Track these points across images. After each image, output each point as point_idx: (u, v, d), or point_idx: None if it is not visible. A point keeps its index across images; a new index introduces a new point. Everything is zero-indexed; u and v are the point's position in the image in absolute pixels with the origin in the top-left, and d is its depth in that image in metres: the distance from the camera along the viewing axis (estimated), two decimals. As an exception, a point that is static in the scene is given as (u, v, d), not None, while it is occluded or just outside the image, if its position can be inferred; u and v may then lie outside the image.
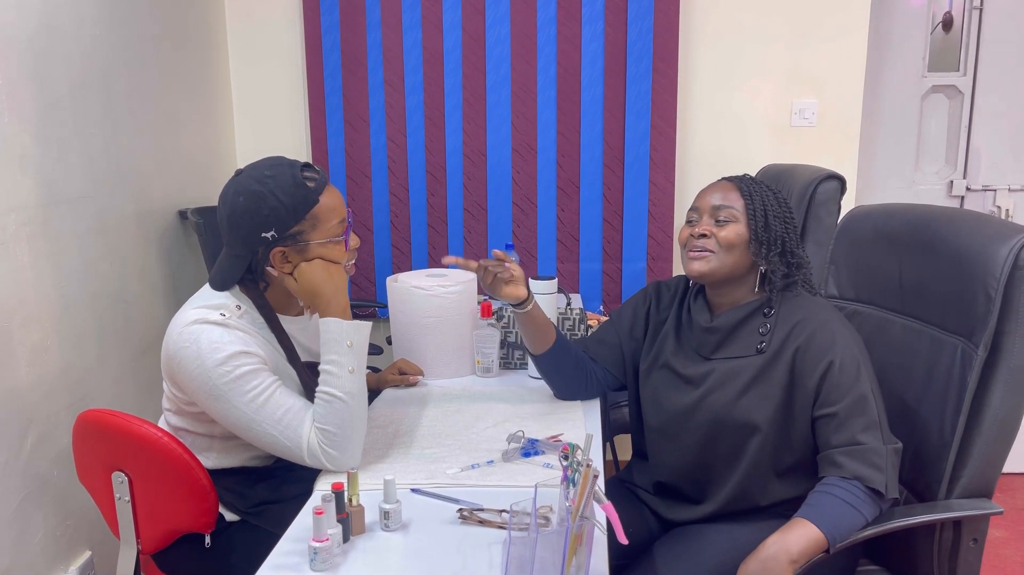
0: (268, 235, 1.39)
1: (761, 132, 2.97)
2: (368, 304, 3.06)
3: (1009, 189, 3.14)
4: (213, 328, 1.37)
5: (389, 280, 1.96)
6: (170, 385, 1.46)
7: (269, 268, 1.44)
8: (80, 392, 2.01)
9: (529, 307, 1.62)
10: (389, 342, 2.11)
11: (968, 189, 3.15)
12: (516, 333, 2.02)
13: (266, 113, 3.06)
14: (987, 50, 3.06)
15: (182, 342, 1.37)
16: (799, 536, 1.25)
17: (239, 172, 1.43)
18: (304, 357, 1.53)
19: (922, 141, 3.17)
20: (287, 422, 1.37)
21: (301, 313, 1.57)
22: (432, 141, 2.97)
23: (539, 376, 1.89)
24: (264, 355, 1.40)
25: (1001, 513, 1.33)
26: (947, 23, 3.09)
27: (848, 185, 2.27)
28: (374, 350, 2.66)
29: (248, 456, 1.52)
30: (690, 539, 1.46)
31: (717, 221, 1.46)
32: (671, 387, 1.54)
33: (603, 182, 2.96)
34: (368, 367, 2.16)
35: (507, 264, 1.60)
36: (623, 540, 1.05)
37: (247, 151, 3.10)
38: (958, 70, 3.10)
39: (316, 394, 1.40)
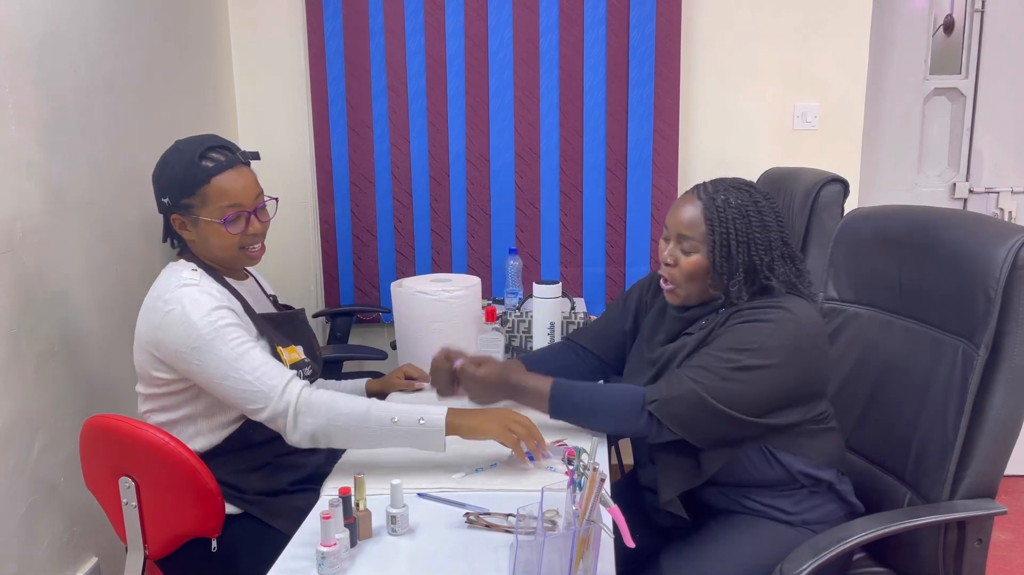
0: (165, 200, 1.53)
1: (763, 135, 2.98)
2: (372, 309, 3.06)
3: (1012, 191, 3.14)
4: (191, 288, 1.46)
5: (393, 285, 1.97)
6: (148, 365, 1.50)
7: (179, 229, 1.55)
8: (87, 399, 2.01)
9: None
10: (394, 347, 2.12)
11: (971, 192, 3.15)
12: (520, 337, 2.02)
13: (270, 119, 3.07)
14: (989, 52, 3.07)
15: (167, 306, 1.44)
16: (534, 380, 1.48)
17: (176, 142, 1.57)
18: (257, 310, 1.60)
19: (924, 144, 3.17)
20: (265, 370, 1.41)
21: (245, 278, 1.67)
22: (435, 146, 2.97)
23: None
24: (237, 311, 1.49)
25: (1005, 513, 1.33)
26: (948, 26, 3.09)
27: (851, 188, 2.27)
28: (378, 354, 2.67)
29: (234, 426, 1.54)
30: (696, 544, 1.46)
31: (682, 250, 1.47)
32: (640, 370, 1.57)
33: (606, 186, 2.96)
34: (372, 373, 2.17)
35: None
36: (630, 543, 1.05)
37: (251, 157, 3.11)
38: (960, 73, 3.11)
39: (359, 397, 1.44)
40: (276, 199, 1.62)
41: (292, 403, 1.39)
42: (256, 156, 1.60)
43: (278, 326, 1.62)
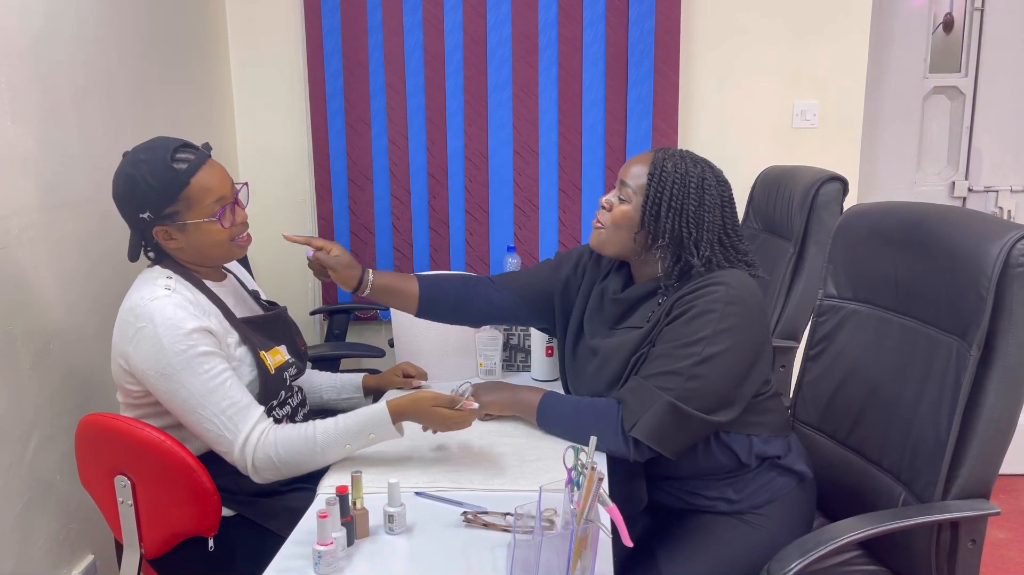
0: (145, 216, 1.46)
1: (763, 133, 2.98)
2: (370, 307, 3.06)
3: (1011, 190, 3.14)
4: (166, 304, 1.40)
5: (391, 283, 1.96)
6: (121, 377, 1.48)
7: (165, 242, 1.50)
8: (82, 396, 2.01)
9: (366, 291, 1.61)
10: (391, 344, 2.12)
11: (970, 190, 3.15)
12: (518, 335, 2.02)
13: (267, 116, 3.06)
14: (988, 51, 3.06)
15: (139, 322, 1.40)
16: (528, 395, 1.56)
17: (125, 154, 1.50)
18: (238, 314, 1.57)
19: (924, 142, 3.17)
20: (230, 415, 1.39)
21: (224, 277, 1.62)
22: (433, 143, 2.97)
23: (543, 379, 1.90)
24: (215, 324, 1.44)
25: (998, 514, 1.33)
26: (948, 24, 3.09)
27: (850, 186, 2.27)
28: (376, 352, 2.66)
29: None
30: (689, 540, 1.46)
31: (619, 197, 1.48)
32: (584, 357, 1.58)
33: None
34: (369, 370, 2.16)
35: (320, 253, 1.58)
36: (628, 543, 1.05)
37: (249, 154, 3.10)
38: (959, 71, 3.11)
39: (299, 423, 1.44)
40: (246, 184, 1.59)
41: (249, 461, 1.40)
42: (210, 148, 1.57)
43: (259, 328, 1.59)
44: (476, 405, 1.42)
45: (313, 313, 3.09)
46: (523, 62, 2.89)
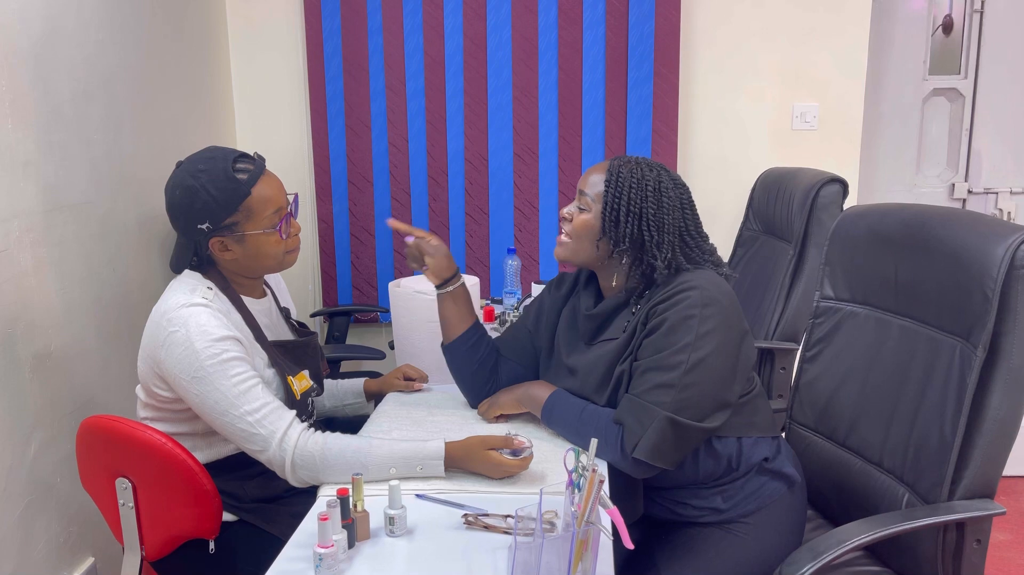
0: (204, 227, 1.45)
1: (762, 136, 2.98)
2: (370, 309, 3.06)
3: (1011, 192, 3.14)
4: (200, 311, 1.41)
5: (391, 285, 1.97)
6: (149, 379, 1.48)
7: (219, 253, 1.49)
8: (83, 398, 2.01)
9: (450, 288, 1.61)
10: (392, 347, 2.12)
11: (970, 192, 3.15)
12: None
13: (268, 118, 3.07)
14: (988, 53, 3.07)
15: (171, 327, 1.40)
16: (538, 391, 1.54)
17: (179, 164, 1.49)
18: (269, 337, 1.56)
19: (923, 144, 3.18)
20: (264, 413, 1.39)
21: (264, 295, 1.62)
22: (434, 146, 2.97)
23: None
24: (244, 342, 1.44)
25: (1003, 513, 1.33)
26: (947, 26, 3.09)
27: (850, 189, 2.27)
28: (376, 354, 2.67)
29: (231, 447, 1.52)
30: (678, 556, 1.46)
31: (579, 206, 1.49)
32: (559, 377, 1.57)
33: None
34: (369, 373, 2.16)
35: (425, 240, 1.60)
36: (628, 545, 1.05)
37: (249, 156, 3.10)
38: (959, 73, 3.11)
39: (359, 437, 1.41)
40: (296, 194, 1.60)
41: (289, 455, 1.38)
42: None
43: (288, 352, 1.59)
44: (527, 444, 1.37)
45: (314, 315, 3.09)
46: (523, 65, 2.90)
